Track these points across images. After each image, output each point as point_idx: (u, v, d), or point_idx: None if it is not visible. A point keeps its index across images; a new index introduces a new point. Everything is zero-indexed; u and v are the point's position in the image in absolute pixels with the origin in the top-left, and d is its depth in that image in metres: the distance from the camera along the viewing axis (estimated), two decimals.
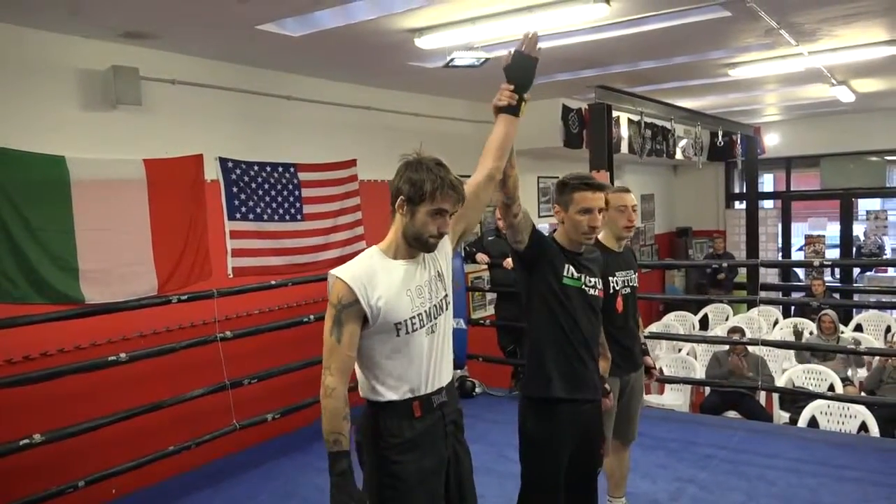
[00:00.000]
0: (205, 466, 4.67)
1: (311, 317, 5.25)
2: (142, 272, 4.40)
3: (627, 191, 3.43)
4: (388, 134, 6.45)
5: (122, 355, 4.05)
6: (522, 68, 2.29)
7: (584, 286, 2.74)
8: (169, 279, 4.53)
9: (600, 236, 3.47)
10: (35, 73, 4.01)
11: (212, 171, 4.90)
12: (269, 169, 5.30)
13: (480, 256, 6.20)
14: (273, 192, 5.33)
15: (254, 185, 5.19)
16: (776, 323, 8.15)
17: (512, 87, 2.28)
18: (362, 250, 6.42)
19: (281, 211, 5.39)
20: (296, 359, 5.17)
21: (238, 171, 5.08)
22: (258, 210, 5.21)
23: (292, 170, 5.48)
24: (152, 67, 4.48)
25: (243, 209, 5.12)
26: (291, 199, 5.47)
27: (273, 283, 5.02)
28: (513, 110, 2.30)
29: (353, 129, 6.07)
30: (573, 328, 2.69)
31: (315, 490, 4.35)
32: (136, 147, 4.42)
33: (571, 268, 2.71)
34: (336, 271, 2.12)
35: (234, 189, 5.06)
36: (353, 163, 5.93)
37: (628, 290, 3.41)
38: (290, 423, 5.22)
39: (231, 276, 4.97)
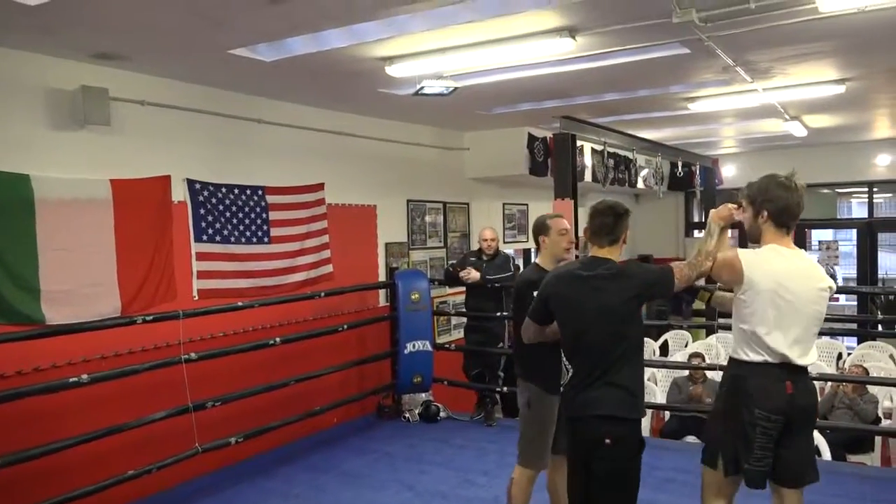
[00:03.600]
0: (166, 491, 4.60)
1: (277, 339, 5.24)
2: (105, 293, 4.34)
3: (562, 216, 3.70)
4: (356, 159, 6.52)
5: (84, 377, 3.99)
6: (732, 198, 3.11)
7: None
8: (133, 300, 4.47)
9: (540, 260, 3.60)
10: (2, 91, 3.97)
11: (179, 193, 4.88)
12: (236, 191, 5.30)
13: (466, 273, 6.09)
14: (240, 215, 5.33)
15: (221, 208, 5.18)
16: None
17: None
18: (328, 274, 6.45)
19: (248, 233, 5.38)
20: (261, 382, 5.15)
21: (206, 193, 5.07)
22: (225, 232, 5.20)
23: (260, 192, 5.49)
24: (122, 88, 4.48)
25: (210, 231, 5.10)
26: (259, 221, 5.47)
27: (240, 304, 5.01)
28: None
29: (322, 153, 6.12)
30: None
31: None
32: (103, 167, 4.39)
33: None
34: None
35: (202, 211, 5.04)
36: (320, 186, 5.96)
37: None
38: (254, 447, 5.18)
39: (196, 298, 4.94)
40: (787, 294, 2.77)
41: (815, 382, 7.28)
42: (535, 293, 3.13)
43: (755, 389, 2.77)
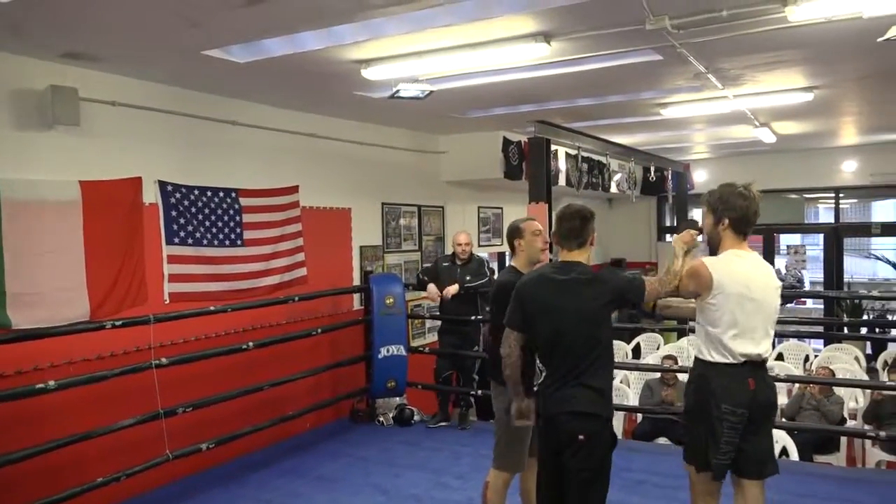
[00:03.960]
0: (135, 498, 4.52)
1: (250, 343, 5.19)
2: (74, 297, 4.26)
3: (534, 218, 3.80)
4: (331, 161, 6.49)
5: (51, 383, 3.91)
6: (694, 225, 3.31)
7: None
8: (102, 304, 4.39)
9: (515, 263, 3.63)
10: None
11: (150, 195, 4.81)
12: (209, 193, 5.24)
13: (445, 292, 6.03)
14: (213, 217, 5.27)
15: (193, 210, 5.12)
16: None
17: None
18: (302, 277, 6.38)
19: (221, 236, 5.32)
20: (233, 386, 5.09)
21: (178, 195, 5.01)
22: (197, 235, 5.13)
23: (233, 195, 5.43)
24: (92, 88, 4.40)
25: (182, 234, 5.04)
26: (232, 224, 5.41)
27: (212, 308, 4.95)
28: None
29: (296, 155, 6.08)
30: None
31: None
32: (73, 168, 4.31)
33: None
34: None
35: (173, 213, 4.98)
36: (295, 189, 5.92)
37: None
38: (227, 453, 5.12)
39: (168, 301, 4.87)
40: (752, 294, 2.99)
41: (782, 384, 7.40)
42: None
43: (719, 388, 2.96)
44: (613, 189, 9.32)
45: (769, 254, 11.56)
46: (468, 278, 6.01)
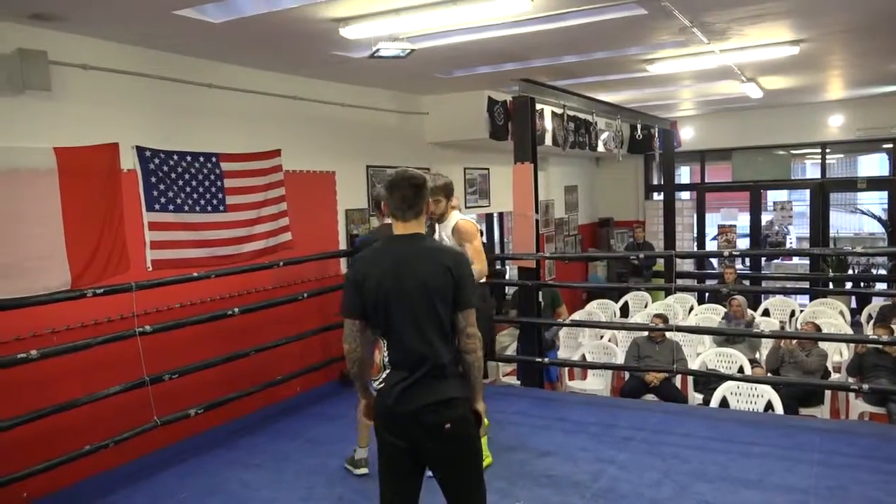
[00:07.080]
0: (124, 466, 4.54)
1: (236, 310, 5.16)
2: (53, 266, 4.21)
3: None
4: (313, 124, 6.39)
5: (33, 352, 3.88)
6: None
7: None
8: (83, 273, 4.35)
9: None
10: None
11: (128, 161, 4.72)
12: (189, 158, 5.16)
13: None
14: (194, 183, 5.19)
15: (173, 175, 5.04)
16: (692, 309, 8.52)
17: None
18: (287, 242, 6.33)
19: (202, 202, 5.25)
20: (220, 353, 5.08)
21: (157, 161, 4.92)
22: (178, 201, 5.06)
23: (214, 159, 5.35)
24: (62, 51, 4.28)
25: (162, 200, 4.97)
26: (213, 189, 5.34)
27: (195, 275, 4.90)
28: None
29: (277, 118, 5.97)
30: None
31: (240, 485, 4.30)
32: (45, 135, 4.22)
33: None
34: None
35: (153, 179, 4.90)
36: (277, 153, 5.84)
37: None
38: (216, 419, 5.14)
39: (150, 269, 4.83)
40: None
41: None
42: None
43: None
44: (600, 148, 9.23)
45: (756, 210, 11.59)
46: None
